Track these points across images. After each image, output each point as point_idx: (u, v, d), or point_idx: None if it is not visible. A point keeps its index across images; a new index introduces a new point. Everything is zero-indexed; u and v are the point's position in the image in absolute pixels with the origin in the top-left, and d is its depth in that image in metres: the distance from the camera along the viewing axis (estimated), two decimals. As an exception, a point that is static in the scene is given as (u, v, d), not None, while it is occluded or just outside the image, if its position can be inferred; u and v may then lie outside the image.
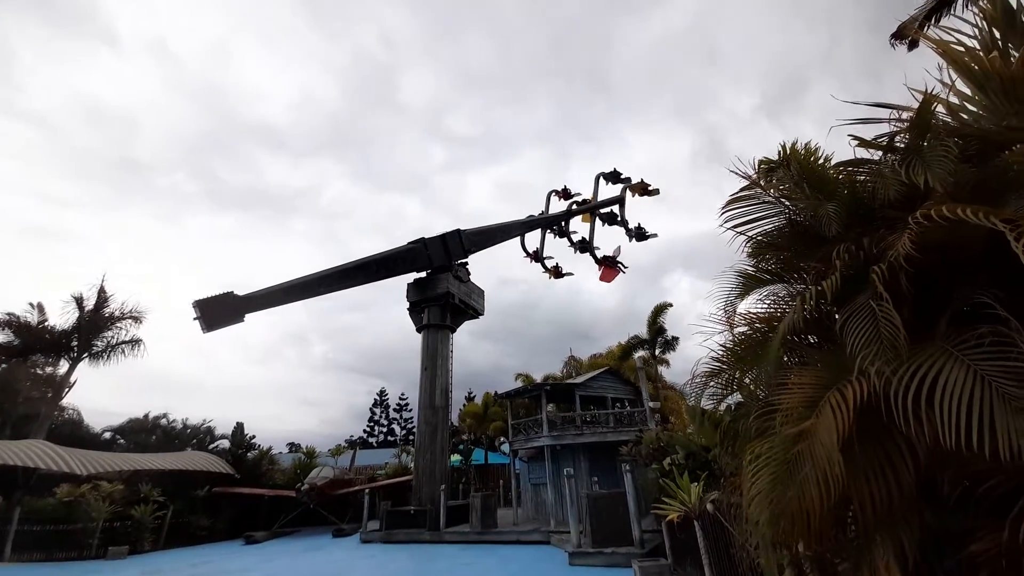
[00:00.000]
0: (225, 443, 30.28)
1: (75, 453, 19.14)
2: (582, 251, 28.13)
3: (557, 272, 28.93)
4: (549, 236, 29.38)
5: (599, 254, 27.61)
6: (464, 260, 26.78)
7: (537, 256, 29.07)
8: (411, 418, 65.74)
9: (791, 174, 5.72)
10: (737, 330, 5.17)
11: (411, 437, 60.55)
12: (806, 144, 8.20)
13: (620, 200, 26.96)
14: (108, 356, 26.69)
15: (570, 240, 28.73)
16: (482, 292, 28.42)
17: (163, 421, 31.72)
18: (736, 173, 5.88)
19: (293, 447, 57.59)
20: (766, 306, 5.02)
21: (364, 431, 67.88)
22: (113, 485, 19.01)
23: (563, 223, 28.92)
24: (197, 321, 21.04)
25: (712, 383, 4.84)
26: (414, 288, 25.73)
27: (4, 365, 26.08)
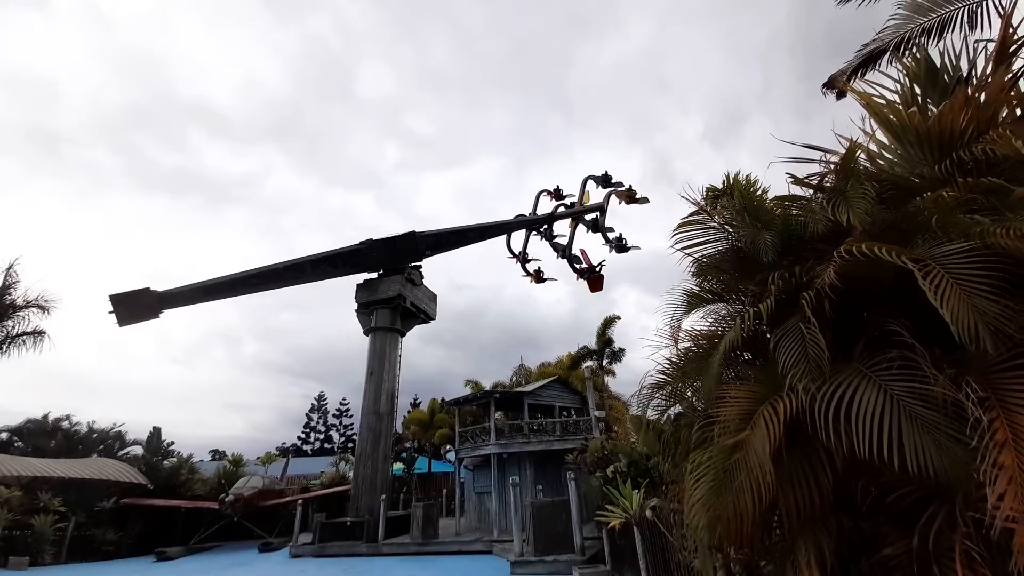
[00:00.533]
0: (138, 449, 27.45)
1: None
2: (562, 258, 25.78)
3: (538, 276, 26.71)
4: (535, 238, 27.46)
5: (582, 264, 25.06)
6: (418, 264, 26.25)
7: (521, 258, 27.01)
8: (351, 424, 62.93)
9: (734, 203, 6.19)
10: (682, 345, 5.50)
11: (351, 444, 57.98)
12: (747, 176, 8.87)
13: (602, 208, 24.80)
14: (6, 348, 23.47)
15: (554, 245, 26.43)
16: (434, 296, 27.99)
17: (65, 424, 28.22)
18: (686, 199, 6.33)
19: (217, 454, 53.38)
20: (708, 324, 5.37)
21: (299, 438, 64.06)
22: (11, 490, 16.77)
23: (547, 226, 26.90)
24: (112, 315, 19.22)
25: (657, 395, 5.09)
26: (364, 289, 24.85)
27: None
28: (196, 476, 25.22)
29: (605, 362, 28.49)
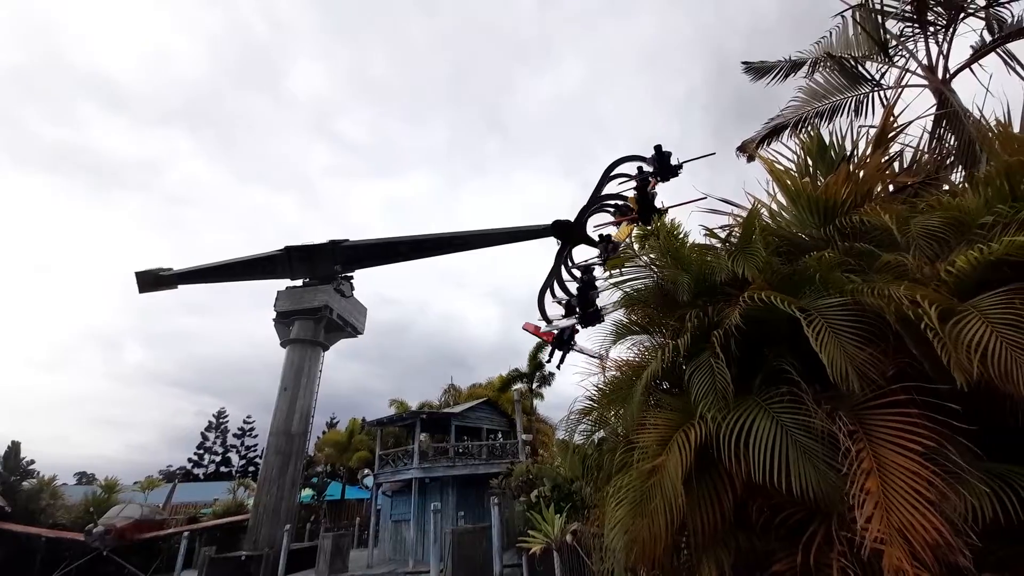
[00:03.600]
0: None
1: None
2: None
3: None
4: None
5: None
6: (349, 274, 25.06)
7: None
8: (255, 445, 56.93)
9: (659, 244, 6.79)
10: (609, 373, 5.82)
11: (252, 468, 52.35)
12: (671, 220, 9.76)
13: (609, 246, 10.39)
14: None
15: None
16: (364, 310, 26.84)
17: None
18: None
19: (85, 477, 45.72)
20: (633, 354, 5.76)
21: (190, 460, 56.56)
22: None
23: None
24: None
25: (584, 420, 5.31)
26: (285, 297, 23.16)
27: None
28: (59, 502, 21.46)
29: (535, 385, 28.88)
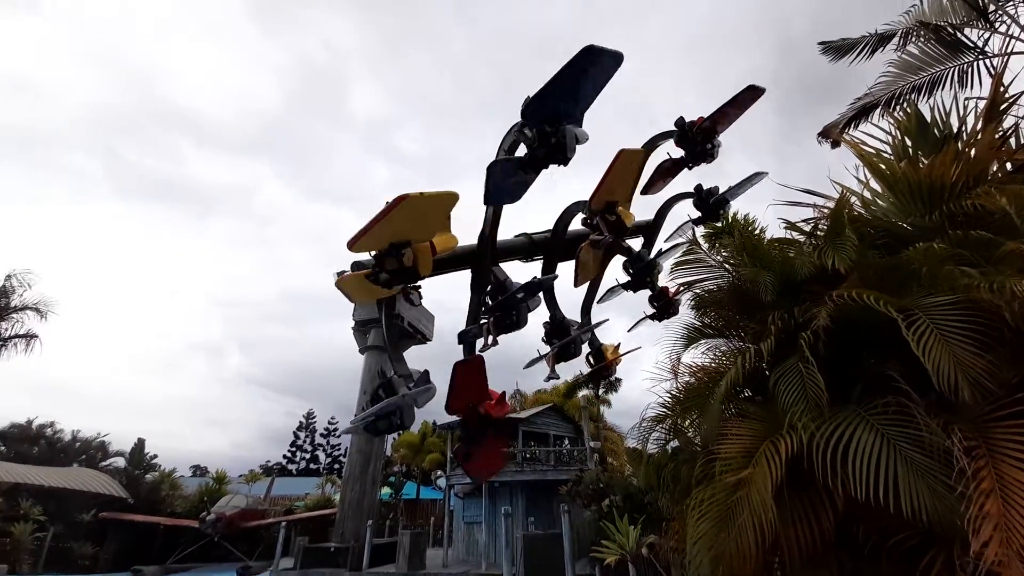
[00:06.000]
0: (120, 461, 26.81)
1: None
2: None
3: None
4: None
5: None
6: (417, 283, 26.24)
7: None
8: (339, 444, 61.50)
9: (734, 241, 6.41)
10: (682, 379, 5.58)
11: (337, 466, 56.44)
12: (745, 216, 9.14)
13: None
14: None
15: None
16: (432, 317, 27.94)
17: (48, 431, 27.62)
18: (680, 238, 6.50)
19: (198, 470, 51.86)
20: (709, 359, 5.47)
21: (284, 456, 62.39)
22: (-9, 496, 16.30)
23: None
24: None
25: (658, 428, 5.13)
26: (362, 307, 24.84)
27: None
28: (177, 492, 24.59)
29: (601, 391, 28.27)
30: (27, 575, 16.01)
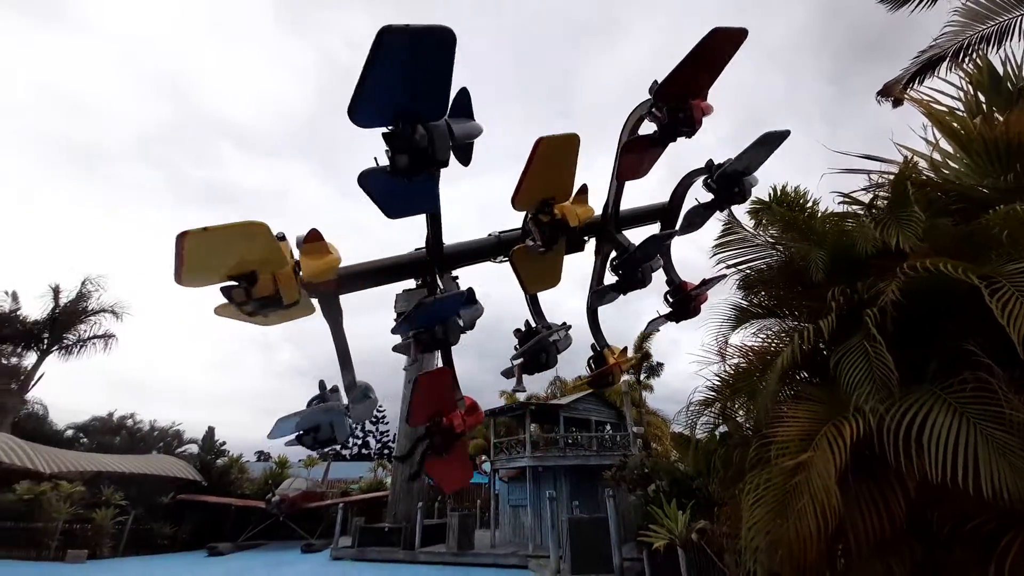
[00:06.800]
0: (193, 448, 29.14)
1: (39, 449, 18.25)
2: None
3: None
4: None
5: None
6: (454, 274, 26.62)
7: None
8: (387, 431, 64.25)
9: (781, 216, 6.05)
10: (730, 361, 5.37)
11: (387, 451, 59.05)
12: (795, 188, 8.58)
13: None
14: (79, 350, 25.76)
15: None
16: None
17: (129, 422, 30.45)
18: (719, 217, 6.08)
19: (262, 455, 55.65)
20: (760, 340, 5.23)
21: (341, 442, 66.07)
22: (74, 485, 18.03)
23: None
24: None
25: (706, 412, 4.99)
26: (403, 299, 25.45)
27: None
28: (245, 476, 26.46)
29: (643, 376, 27.83)
30: (107, 559, 17.75)
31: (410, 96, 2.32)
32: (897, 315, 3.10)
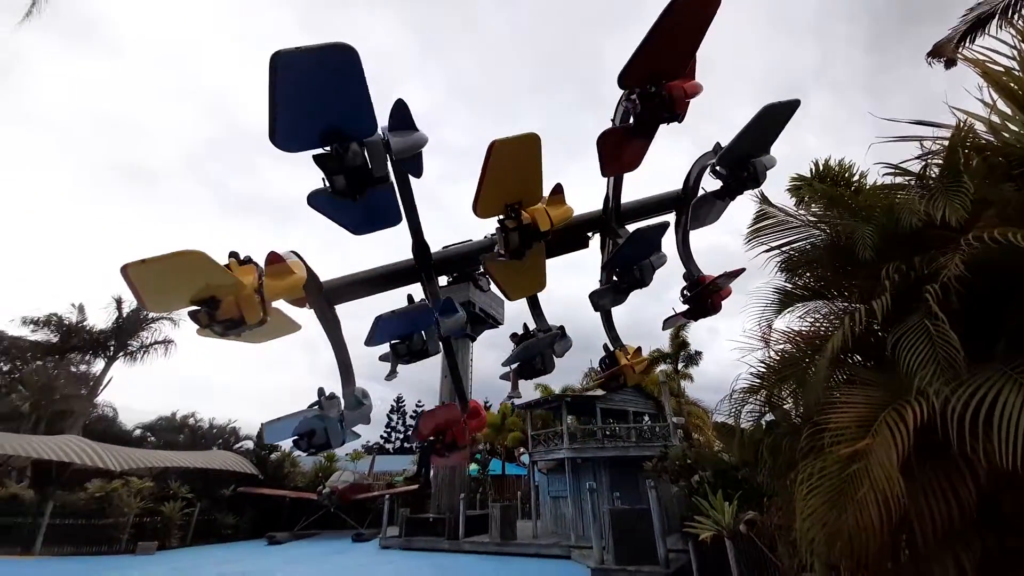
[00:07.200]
0: (249, 444, 30.95)
1: (108, 449, 19.84)
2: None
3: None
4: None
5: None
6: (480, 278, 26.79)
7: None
8: (429, 426, 66.06)
9: (824, 192, 5.74)
10: (776, 347, 5.16)
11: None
12: (839, 161, 8.10)
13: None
14: (142, 356, 27.82)
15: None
16: (502, 302, 28.50)
17: (191, 420, 32.68)
18: (756, 196, 5.70)
19: (311, 450, 58.26)
20: (806, 324, 4.99)
21: (381, 437, 68.39)
22: (143, 481, 19.55)
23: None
24: None
25: (751, 400, 4.82)
26: (445, 295, 25.96)
27: (40, 363, 27.40)
28: (297, 469, 27.90)
29: (681, 366, 27.19)
30: (175, 549, 19.10)
31: (334, 116, 2.28)
32: (961, 291, 2.89)
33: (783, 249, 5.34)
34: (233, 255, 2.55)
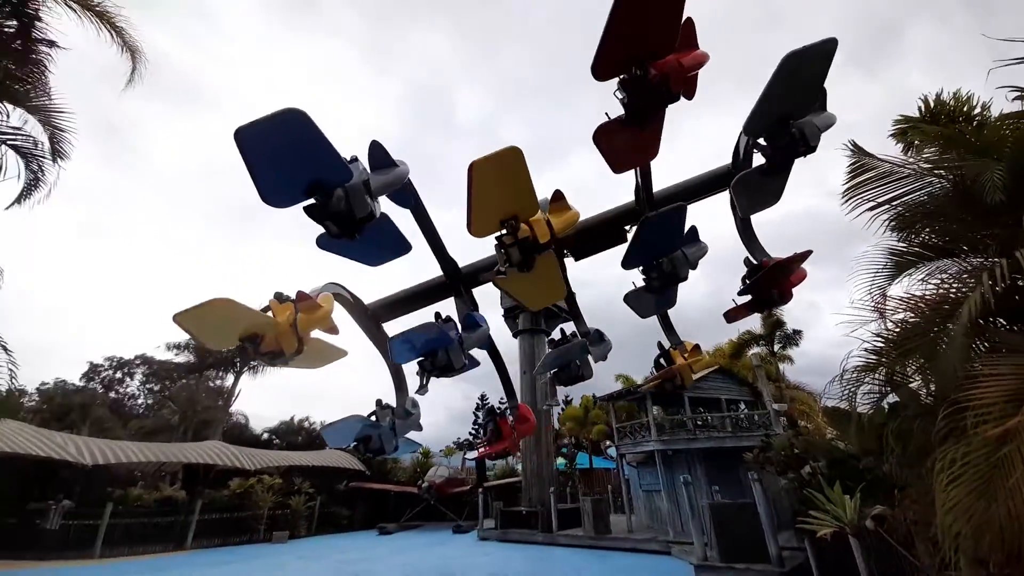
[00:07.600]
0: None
1: (244, 451, 23.00)
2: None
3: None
4: None
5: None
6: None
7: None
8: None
9: (937, 133, 4.93)
10: (893, 317, 4.51)
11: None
12: (954, 93, 6.93)
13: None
14: (262, 369, 31.80)
15: None
16: (573, 295, 28.23)
17: (306, 423, 36.65)
18: (848, 147, 4.89)
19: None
20: (931, 287, 4.30)
21: (470, 433, 71.27)
22: (273, 478, 22.37)
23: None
24: None
25: (867, 380, 4.26)
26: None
27: (185, 381, 32.49)
28: (398, 465, 30.12)
29: (777, 347, 24.83)
30: (303, 537, 21.61)
31: (310, 170, 2.47)
32: None
33: (892, 204, 4.68)
34: (277, 295, 3.02)
